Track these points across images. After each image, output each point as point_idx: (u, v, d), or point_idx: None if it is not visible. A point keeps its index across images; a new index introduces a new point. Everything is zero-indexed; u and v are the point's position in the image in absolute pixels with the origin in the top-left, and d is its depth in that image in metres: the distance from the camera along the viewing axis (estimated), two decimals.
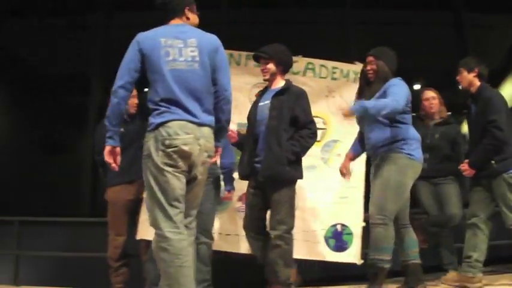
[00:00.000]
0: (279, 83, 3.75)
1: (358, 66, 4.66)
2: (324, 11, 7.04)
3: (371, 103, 3.38)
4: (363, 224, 4.37)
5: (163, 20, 2.94)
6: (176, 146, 2.71)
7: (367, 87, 3.72)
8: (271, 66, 3.71)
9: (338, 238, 4.08)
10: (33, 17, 7.62)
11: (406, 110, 3.58)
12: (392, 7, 7.06)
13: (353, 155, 3.95)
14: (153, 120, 2.76)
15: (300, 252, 4.05)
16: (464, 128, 4.35)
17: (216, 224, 4.15)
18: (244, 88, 4.44)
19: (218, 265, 3.90)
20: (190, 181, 2.83)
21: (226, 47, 4.27)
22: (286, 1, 6.83)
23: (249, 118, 3.78)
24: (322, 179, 4.38)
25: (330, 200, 4.37)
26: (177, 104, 2.76)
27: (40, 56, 7.89)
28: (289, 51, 3.79)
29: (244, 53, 4.57)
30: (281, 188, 3.54)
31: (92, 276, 4.10)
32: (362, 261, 4.25)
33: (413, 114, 4.51)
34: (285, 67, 3.78)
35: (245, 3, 6.98)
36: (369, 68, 3.73)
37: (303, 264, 3.89)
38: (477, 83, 4.01)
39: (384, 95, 3.52)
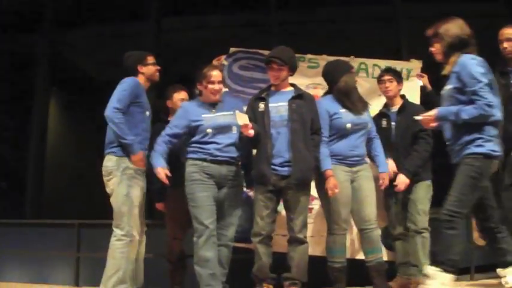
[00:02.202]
0: (288, 87, 3.87)
1: (412, 64, 4.61)
2: (373, 8, 6.94)
3: None
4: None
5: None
6: None
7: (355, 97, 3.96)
8: (284, 73, 3.79)
9: None
10: (86, 26, 7.84)
11: None
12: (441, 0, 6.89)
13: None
14: None
15: None
16: None
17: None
18: None
19: None
20: None
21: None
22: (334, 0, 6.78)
23: (256, 118, 3.78)
24: None
25: None
26: None
27: (93, 62, 8.13)
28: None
29: (296, 55, 4.57)
30: (307, 191, 3.76)
31: (151, 276, 4.19)
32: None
33: None
34: (294, 72, 3.91)
35: (293, 4, 6.97)
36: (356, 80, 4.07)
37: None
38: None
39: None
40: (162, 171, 3.60)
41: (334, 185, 3.73)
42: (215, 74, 3.73)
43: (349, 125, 3.82)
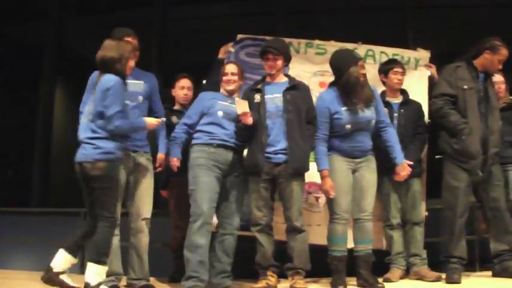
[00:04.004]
0: (282, 77, 3.90)
1: (419, 53, 4.59)
2: None
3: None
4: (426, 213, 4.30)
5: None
6: None
7: (360, 92, 3.77)
8: (280, 62, 3.84)
9: None
10: (90, 15, 7.82)
11: None
12: None
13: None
14: None
15: None
16: None
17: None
18: (304, 76, 4.39)
19: None
20: None
21: (283, 36, 4.31)
22: None
23: (252, 109, 3.75)
24: None
25: None
26: None
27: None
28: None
29: (303, 41, 4.56)
30: (300, 180, 3.77)
31: (154, 264, 4.20)
32: None
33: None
34: (288, 62, 3.97)
35: None
36: (364, 72, 3.83)
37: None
38: None
39: (377, 108, 3.85)
40: (176, 162, 3.78)
41: (330, 187, 3.73)
42: (228, 67, 3.95)
43: (349, 126, 3.76)
